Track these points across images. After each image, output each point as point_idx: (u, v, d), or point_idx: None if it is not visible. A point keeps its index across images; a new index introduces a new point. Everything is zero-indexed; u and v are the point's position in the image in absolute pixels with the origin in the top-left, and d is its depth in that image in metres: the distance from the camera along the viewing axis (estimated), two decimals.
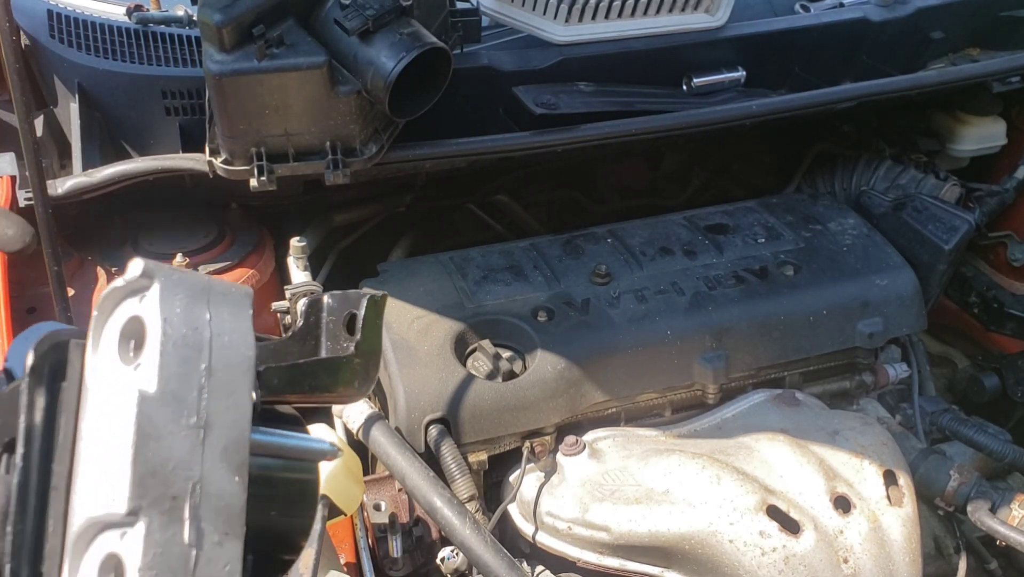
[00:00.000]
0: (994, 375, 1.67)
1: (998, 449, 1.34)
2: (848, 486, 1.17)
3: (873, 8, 1.62)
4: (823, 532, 1.12)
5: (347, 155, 1.24)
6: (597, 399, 1.28)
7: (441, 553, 1.17)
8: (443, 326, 1.30)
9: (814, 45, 1.60)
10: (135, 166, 1.31)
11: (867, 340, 1.39)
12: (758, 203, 1.59)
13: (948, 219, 1.51)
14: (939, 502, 1.27)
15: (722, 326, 1.33)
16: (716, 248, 1.45)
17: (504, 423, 1.22)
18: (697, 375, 1.32)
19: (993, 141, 1.76)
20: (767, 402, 1.32)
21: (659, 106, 1.45)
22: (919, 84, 1.55)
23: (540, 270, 1.40)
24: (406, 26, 1.14)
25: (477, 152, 1.35)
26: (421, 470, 1.12)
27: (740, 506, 1.13)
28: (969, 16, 1.69)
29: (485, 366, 1.26)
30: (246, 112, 1.18)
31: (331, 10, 1.16)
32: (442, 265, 1.42)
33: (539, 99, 1.37)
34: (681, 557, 1.14)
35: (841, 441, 1.22)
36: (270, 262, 1.51)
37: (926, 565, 1.17)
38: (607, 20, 1.46)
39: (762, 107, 1.45)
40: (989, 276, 1.79)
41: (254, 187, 1.23)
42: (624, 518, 1.15)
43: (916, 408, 1.43)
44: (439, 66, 1.17)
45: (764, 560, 1.10)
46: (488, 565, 1.00)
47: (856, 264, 1.44)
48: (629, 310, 1.33)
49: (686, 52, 1.51)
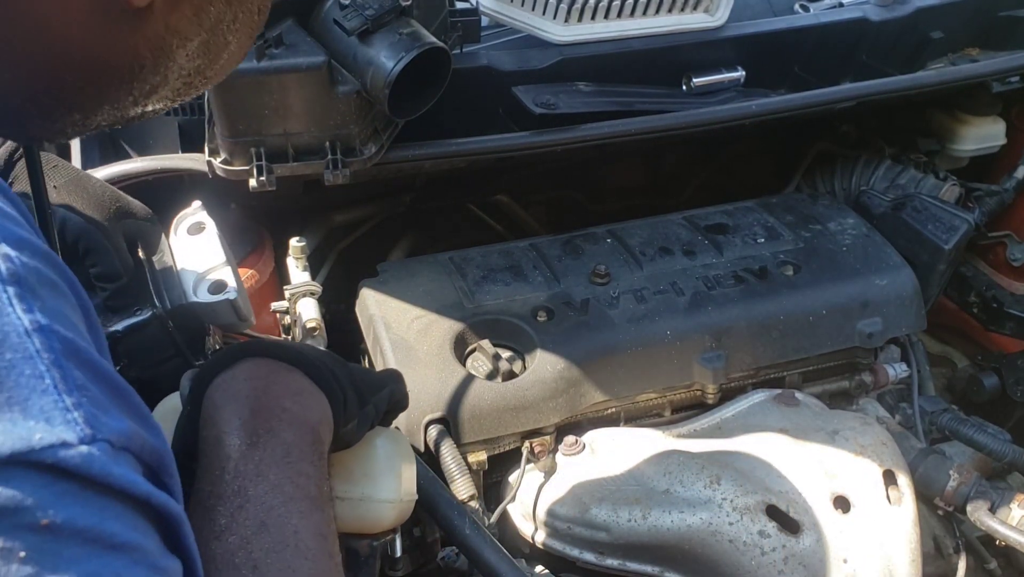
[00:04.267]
0: (994, 375, 1.67)
1: (998, 449, 1.34)
2: (848, 486, 1.17)
3: (872, 8, 1.62)
4: (823, 532, 1.12)
5: (347, 155, 1.24)
6: (597, 399, 1.28)
7: (441, 553, 1.17)
8: (442, 326, 1.29)
9: (813, 45, 1.60)
10: (134, 166, 1.31)
11: (867, 340, 1.39)
12: (758, 203, 1.59)
13: (948, 219, 1.51)
14: (939, 502, 1.27)
15: (722, 326, 1.33)
16: (716, 248, 1.45)
17: (504, 423, 1.22)
18: (697, 375, 1.32)
19: (992, 141, 1.76)
20: (767, 402, 1.32)
21: (659, 106, 1.45)
22: (918, 84, 1.55)
23: (540, 270, 1.40)
24: (405, 26, 1.14)
25: (477, 152, 1.35)
26: (420, 470, 1.12)
27: (740, 506, 1.13)
28: (969, 16, 1.69)
29: (485, 366, 1.26)
30: (245, 112, 1.18)
31: (330, 10, 1.16)
32: (442, 265, 1.42)
33: (539, 99, 1.37)
34: (681, 557, 1.15)
35: (841, 441, 1.22)
36: (269, 262, 1.51)
37: (926, 565, 1.17)
38: (607, 20, 1.46)
39: (762, 107, 1.45)
40: (989, 276, 1.79)
41: (253, 187, 1.23)
42: (624, 518, 1.15)
43: (916, 408, 1.43)
44: (439, 66, 1.17)
45: (764, 560, 1.10)
46: (488, 565, 1.00)
47: (856, 264, 1.44)
48: (628, 310, 1.33)
49: (686, 52, 1.51)
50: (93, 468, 0.41)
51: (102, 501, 0.42)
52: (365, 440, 0.84)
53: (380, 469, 0.85)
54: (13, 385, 0.40)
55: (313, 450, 0.70)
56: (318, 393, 0.74)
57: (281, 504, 0.64)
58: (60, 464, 0.40)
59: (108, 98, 0.61)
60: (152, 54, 0.59)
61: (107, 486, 0.42)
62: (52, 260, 0.47)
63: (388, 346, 1.27)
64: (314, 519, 0.66)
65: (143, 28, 0.57)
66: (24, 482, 0.39)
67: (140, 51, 0.59)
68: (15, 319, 0.42)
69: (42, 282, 0.45)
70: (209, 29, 0.62)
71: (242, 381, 0.71)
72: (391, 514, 0.87)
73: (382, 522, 0.87)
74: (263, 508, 0.63)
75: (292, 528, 0.63)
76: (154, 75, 0.61)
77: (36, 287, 0.44)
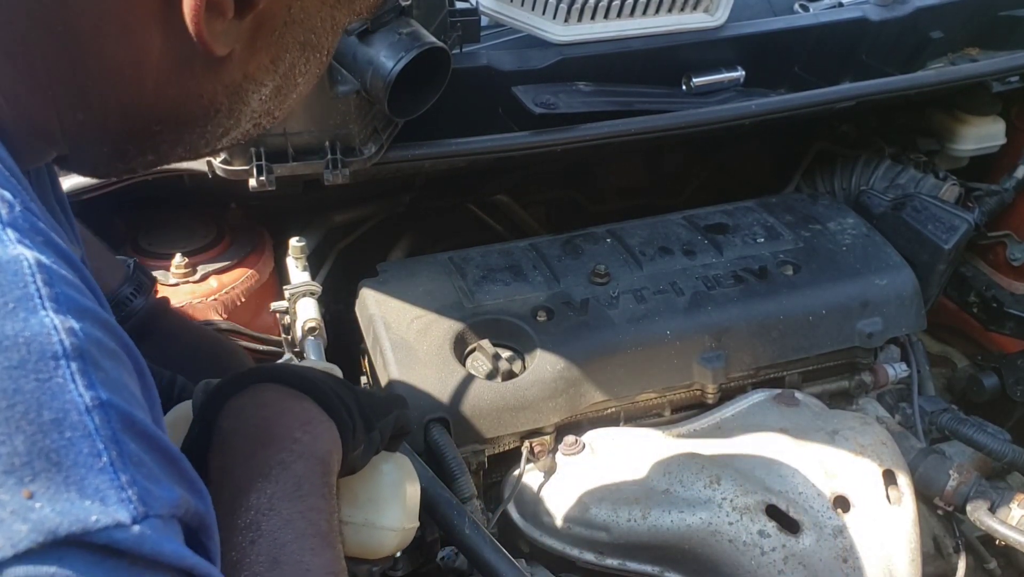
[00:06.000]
0: (993, 375, 1.67)
1: (997, 449, 1.34)
2: (848, 486, 1.17)
3: (872, 8, 1.62)
4: (823, 532, 1.12)
5: (346, 155, 1.24)
6: (596, 399, 1.28)
7: (441, 553, 1.17)
8: (442, 326, 1.29)
9: (813, 45, 1.60)
10: None
11: (866, 340, 1.39)
12: (757, 203, 1.59)
13: (947, 219, 1.51)
14: (938, 502, 1.27)
15: (721, 326, 1.33)
16: (715, 248, 1.45)
17: (504, 423, 1.22)
18: (696, 375, 1.32)
19: (992, 141, 1.76)
20: (767, 402, 1.32)
21: (659, 106, 1.45)
22: (918, 84, 1.54)
23: (539, 270, 1.40)
24: (405, 26, 1.14)
25: (476, 152, 1.34)
26: (420, 470, 1.12)
27: (740, 506, 1.13)
28: (968, 16, 1.69)
29: (484, 366, 1.26)
30: None
31: None
32: (441, 265, 1.42)
33: (538, 99, 1.37)
34: (681, 557, 1.15)
35: (840, 441, 1.22)
36: (269, 262, 1.51)
37: (926, 565, 1.17)
38: (606, 20, 1.46)
39: (761, 107, 1.45)
40: (988, 276, 1.79)
41: (253, 187, 1.23)
42: (624, 518, 1.15)
43: (915, 408, 1.43)
44: (438, 66, 1.17)
45: (764, 560, 1.10)
46: (488, 565, 1.00)
47: (855, 264, 1.44)
48: (628, 310, 1.33)
49: (685, 52, 1.51)
50: (144, 547, 0.43)
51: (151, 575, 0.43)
52: (370, 465, 0.84)
53: (384, 496, 0.85)
54: (71, 464, 0.41)
55: (323, 483, 0.70)
56: (328, 421, 0.73)
57: (293, 540, 0.64)
58: (113, 545, 0.42)
59: (183, 141, 0.62)
60: (228, 100, 0.60)
61: (155, 562, 0.44)
62: (111, 327, 0.47)
63: (388, 346, 1.27)
64: (325, 557, 0.66)
65: (222, 76, 0.58)
66: (78, 562, 0.40)
67: (218, 98, 0.60)
68: (76, 396, 0.42)
69: (103, 352, 0.45)
70: (283, 75, 0.63)
71: (252, 409, 0.71)
72: (394, 541, 0.86)
73: (384, 548, 0.86)
74: (275, 544, 0.63)
75: (304, 566, 0.64)
76: (228, 119, 0.62)
77: (98, 359, 0.44)
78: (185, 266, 1.38)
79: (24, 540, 0.39)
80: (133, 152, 0.60)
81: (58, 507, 0.40)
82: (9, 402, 0.41)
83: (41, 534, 0.40)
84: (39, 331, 0.42)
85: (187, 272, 1.38)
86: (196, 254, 1.43)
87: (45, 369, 0.42)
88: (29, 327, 0.42)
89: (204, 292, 1.38)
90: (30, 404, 0.41)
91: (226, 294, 1.40)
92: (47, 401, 0.41)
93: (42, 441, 0.41)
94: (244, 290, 1.43)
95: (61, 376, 0.42)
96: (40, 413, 0.41)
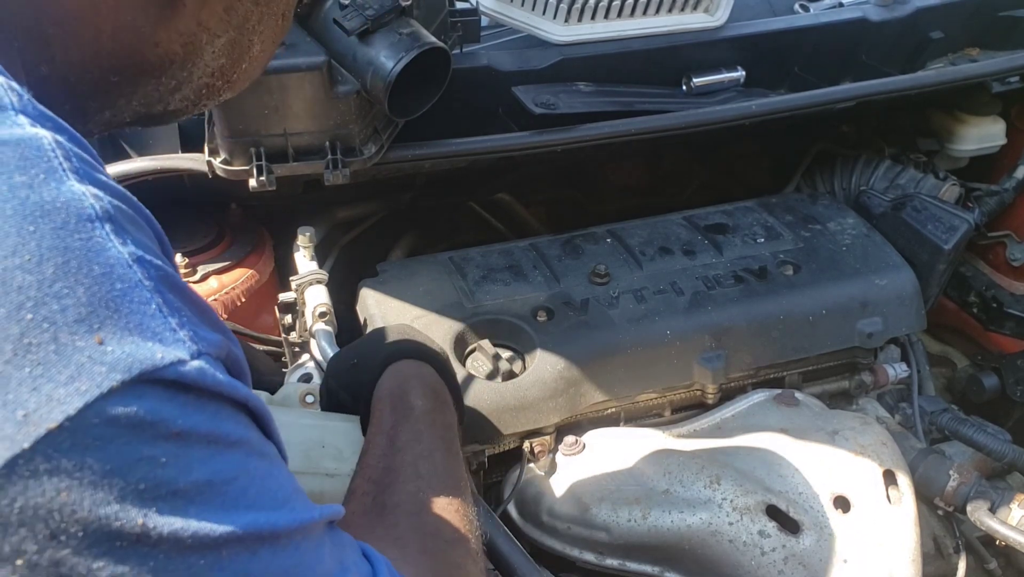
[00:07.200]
0: (993, 375, 1.67)
1: (997, 449, 1.34)
2: (848, 486, 1.17)
3: (872, 8, 1.62)
4: (823, 532, 1.12)
5: (346, 155, 1.24)
6: (597, 399, 1.28)
7: None
8: (442, 326, 1.29)
9: (813, 45, 1.60)
10: (134, 166, 1.31)
11: (866, 340, 1.39)
12: (757, 203, 1.59)
13: (947, 219, 1.51)
14: (939, 502, 1.27)
15: (721, 326, 1.33)
16: (715, 248, 1.45)
17: (503, 423, 1.22)
18: (696, 375, 1.32)
19: (992, 141, 1.76)
20: (767, 402, 1.32)
21: (659, 106, 1.45)
22: (918, 84, 1.54)
23: (540, 270, 1.40)
24: (406, 26, 1.14)
25: (476, 152, 1.35)
26: None
27: (740, 506, 1.13)
28: (968, 16, 1.69)
29: (485, 366, 1.26)
30: (245, 112, 1.18)
31: (330, 10, 1.16)
32: (442, 265, 1.42)
33: (539, 99, 1.37)
34: (681, 557, 1.15)
35: (841, 441, 1.22)
36: (269, 262, 1.51)
37: (926, 565, 1.17)
38: (607, 20, 1.46)
39: (762, 107, 1.45)
40: (988, 276, 1.79)
41: (253, 187, 1.23)
42: (624, 518, 1.15)
43: (915, 408, 1.43)
44: (439, 66, 1.17)
45: (764, 560, 1.10)
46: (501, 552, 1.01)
47: (855, 264, 1.44)
48: (628, 310, 1.33)
49: (685, 52, 1.51)
50: (206, 380, 0.47)
51: (215, 407, 0.48)
52: None
53: None
54: (128, 312, 0.45)
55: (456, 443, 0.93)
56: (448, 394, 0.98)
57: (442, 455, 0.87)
58: (180, 379, 0.46)
59: (137, 93, 0.64)
60: (182, 48, 0.62)
61: (218, 394, 0.48)
62: (128, 199, 0.51)
63: None
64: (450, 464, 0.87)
65: (176, 23, 0.61)
66: (154, 397, 0.45)
67: (172, 46, 0.62)
68: (116, 253, 0.46)
69: (126, 219, 0.49)
70: (236, 27, 0.65)
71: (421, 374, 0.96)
72: None
73: None
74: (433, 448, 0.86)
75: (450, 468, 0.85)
76: (181, 70, 0.64)
77: (124, 223, 0.48)
78: (185, 266, 1.38)
79: (106, 381, 0.43)
80: (93, 109, 0.63)
81: (127, 348, 0.44)
82: (64, 258, 0.44)
83: (119, 373, 0.43)
84: (71, 197, 0.46)
85: (187, 272, 1.38)
86: (196, 254, 1.43)
87: (84, 229, 0.45)
88: (62, 194, 0.45)
89: (204, 292, 1.38)
90: (82, 260, 0.44)
91: (226, 294, 1.40)
92: (94, 256, 0.45)
93: (99, 291, 0.44)
94: (244, 290, 1.43)
95: (100, 235, 0.46)
96: (91, 267, 0.45)
